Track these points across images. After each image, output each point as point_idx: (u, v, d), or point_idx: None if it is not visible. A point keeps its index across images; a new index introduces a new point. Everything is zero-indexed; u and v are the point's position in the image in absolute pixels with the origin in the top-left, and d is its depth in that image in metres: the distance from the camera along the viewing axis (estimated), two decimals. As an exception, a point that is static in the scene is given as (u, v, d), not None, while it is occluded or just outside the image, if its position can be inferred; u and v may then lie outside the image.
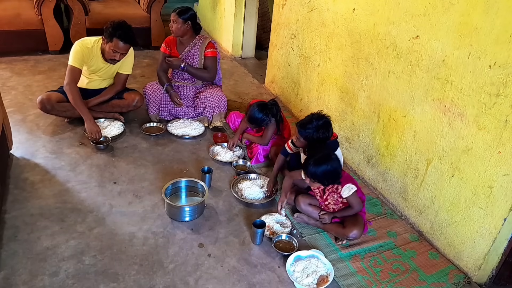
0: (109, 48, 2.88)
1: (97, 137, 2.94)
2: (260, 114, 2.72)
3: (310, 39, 3.34)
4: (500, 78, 1.84)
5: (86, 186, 2.53)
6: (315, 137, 2.30)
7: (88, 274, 1.93)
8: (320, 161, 2.08)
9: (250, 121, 2.78)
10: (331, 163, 2.09)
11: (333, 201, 2.27)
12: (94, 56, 2.98)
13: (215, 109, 3.30)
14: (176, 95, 3.27)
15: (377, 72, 2.60)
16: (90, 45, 2.96)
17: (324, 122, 2.33)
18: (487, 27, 1.86)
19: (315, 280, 2.00)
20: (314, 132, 2.29)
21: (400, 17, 2.35)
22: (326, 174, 2.08)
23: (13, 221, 2.20)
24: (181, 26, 3.10)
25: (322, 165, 2.07)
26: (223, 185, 2.71)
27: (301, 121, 2.37)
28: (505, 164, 1.88)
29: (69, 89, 2.92)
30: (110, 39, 2.85)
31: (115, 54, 2.90)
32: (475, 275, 2.12)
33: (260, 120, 2.75)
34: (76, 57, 2.92)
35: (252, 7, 4.80)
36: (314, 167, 2.08)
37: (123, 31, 2.85)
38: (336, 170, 2.11)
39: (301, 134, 2.33)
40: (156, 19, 4.88)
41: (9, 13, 4.20)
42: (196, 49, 3.23)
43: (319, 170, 2.08)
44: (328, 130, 2.33)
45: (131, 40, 2.93)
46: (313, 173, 2.10)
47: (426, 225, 2.38)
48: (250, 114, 2.74)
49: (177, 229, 2.28)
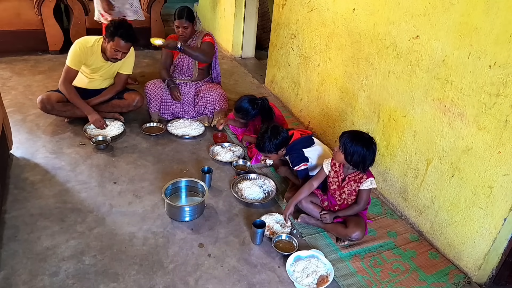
0: (111, 47, 2.89)
1: (103, 127, 3.03)
2: (247, 104, 2.88)
3: (310, 39, 3.34)
4: (500, 78, 1.84)
5: (86, 186, 2.53)
6: (274, 146, 2.47)
7: (88, 274, 1.93)
8: (360, 141, 2.09)
9: (236, 110, 2.94)
10: (371, 149, 2.09)
11: (348, 191, 2.24)
12: (94, 54, 2.98)
13: (216, 106, 3.32)
14: (177, 89, 3.33)
15: (377, 72, 2.60)
16: (90, 43, 2.97)
17: (271, 129, 2.48)
18: (487, 27, 1.86)
19: (315, 280, 2.00)
20: (269, 143, 2.47)
21: (400, 17, 2.35)
22: (362, 156, 2.08)
23: (13, 221, 2.20)
24: (191, 28, 3.23)
25: (362, 147, 2.07)
26: (223, 185, 2.71)
27: (255, 144, 2.58)
28: (505, 164, 1.88)
29: (64, 88, 2.96)
30: (111, 38, 2.87)
31: (117, 53, 2.92)
32: (475, 275, 2.12)
33: (245, 110, 2.89)
34: (73, 58, 2.93)
35: (252, 7, 4.80)
36: (353, 147, 2.08)
37: (125, 30, 2.88)
38: (373, 157, 2.12)
39: (266, 153, 2.54)
40: (156, 19, 4.89)
41: (9, 13, 4.20)
42: (194, 42, 3.35)
43: (358, 150, 2.07)
44: (279, 133, 2.48)
45: (132, 38, 2.95)
46: (348, 150, 2.08)
47: (426, 225, 2.38)
48: (238, 103, 2.93)
49: (177, 229, 2.28)
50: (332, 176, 2.28)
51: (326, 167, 2.30)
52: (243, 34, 4.98)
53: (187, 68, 3.41)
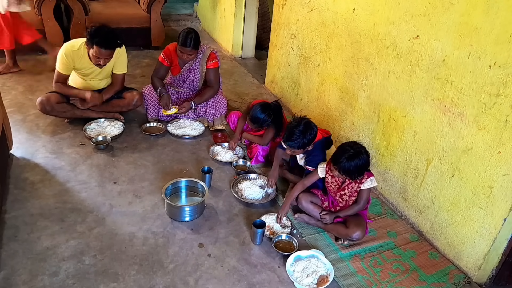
0: (92, 54, 2.83)
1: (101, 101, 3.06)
2: (263, 115, 2.71)
3: (310, 39, 3.34)
4: (500, 78, 1.84)
5: (86, 186, 2.53)
6: (306, 141, 2.31)
7: (88, 274, 1.93)
8: (352, 157, 2.09)
9: (252, 121, 2.76)
10: (362, 157, 2.10)
11: (349, 192, 2.25)
12: (82, 57, 2.93)
13: (216, 113, 3.31)
14: (168, 98, 3.18)
15: (377, 72, 2.60)
16: (76, 47, 2.91)
17: (304, 124, 2.32)
18: (487, 27, 1.86)
19: (315, 280, 2.00)
20: (302, 138, 2.30)
21: (400, 17, 2.35)
22: (358, 168, 2.11)
23: (13, 221, 2.20)
24: (195, 54, 3.09)
25: (355, 160, 2.08)
26: (223, 185, 2.71)
27: (284, 137, 2.37)
28: (505, 164, 1.88)
29: (57, 87, 3.00)
30: (91, 45, 2.79)
31: (99, 59, 2.84)
32: (475, 275, 2.12)
33: (262, 121, 2.73)
34: (61, 63, 2.93)
35: (252, 7, 4.80)
36: (347, 163, 2.09)
37: (101, 38, 2.75)
38: (368, 162, 2.14)
39: (294, 147, 2.34)
40: (156, 19, 4.88)
41: (9, 13, 4.19)
42: (197, 63, 3.21)
43: (352, 165, 2.09)
44: (312, 128, 2.35)
45: (111, 44, 2.82)
46: (346, 169, 2.11)
47: (426, 225, 2.38)
48: (253, 114, 2.73)
49: (177, 229, 2.28)
50: (330, 181, 2.29)
51: (320, 171, 2.31)
52: (243, 34, 4.98)
53: (191, 84, 3.34)
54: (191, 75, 3.27)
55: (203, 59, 3.20)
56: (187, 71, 3.24)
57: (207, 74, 3.24)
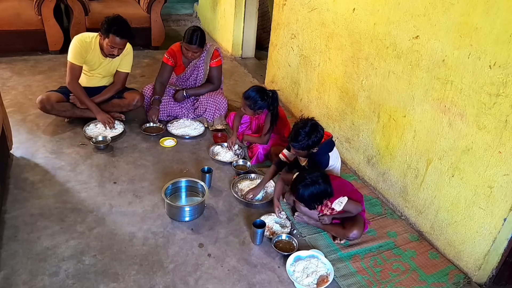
0: (107, 44, 2.88)
1: (111, 125, 3.06)
2: (256, 94, 2.74)
3: (310, 39, 3.34)
4: (500, 78, 1.84)
5: (86, 186, 2.53)
6: (311, 143, 2.28)
7: (88, 274, 1.93)
8: (307, 185, 2.07)
9: (245, 97, 2.78)
10: (318, 186, 2.07)
11: (328, 212, 2.28)
12: (93, 50, 2.98)
13: (215, 113, 3.30)
14: (156, 113, 3.17)
15: (377, 72, 2.60)
16: (88, 39, 2.97)
17: (311, 126, 2.29)
18: (487, 27, 1.86)
19: (315, 280, 2.00)
20: (308, 139, 2.26)
21: (400, 17, 2.35)
22: (313, 197, 2.09)
23: (13, 221, 2.20)
24: (200, 52, 3.12)
25: (309, 189, 2.06)
26: (223, 185, 2.71)
27: (290, 136, 2.34)
28: (505, 164, 1.88)
29: (73, 88, 2.98)
30: (106, 35, 2.85)
31: (113, 49, 2.90)
32: (475, 275, 2.12)
33: (254, 99, 2.74)
34: (74, 53, 2.92)
35: (252, 7, 4.80)
36: (302, 191, 2.08)
37: (118, 26, 2.85)
38: (324, 191, 2.09)
39: (297, 148, 2.31)
40: (156, 19, 4.88)
41: (9, 13, 4.19)
42: (201, 61, 3.24)
43: (306, 194, 2.07)
44: (319, 131, 2.31)
45: (127, 34, 2.91)
46: (301, 197, 2.11)
47: (426, 225, 2.38)
48: (247, 92, 2.79)
49: (177, 229, 2.28)
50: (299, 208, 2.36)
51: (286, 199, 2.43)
52: (243, 34, 4.98)
53: (194, 82, 3.36)
54: (195, 73, 3.30)
55: (207, 57, 3.23)
56: (192, 69, 3.26)
57: (210, 72, 3.27)
